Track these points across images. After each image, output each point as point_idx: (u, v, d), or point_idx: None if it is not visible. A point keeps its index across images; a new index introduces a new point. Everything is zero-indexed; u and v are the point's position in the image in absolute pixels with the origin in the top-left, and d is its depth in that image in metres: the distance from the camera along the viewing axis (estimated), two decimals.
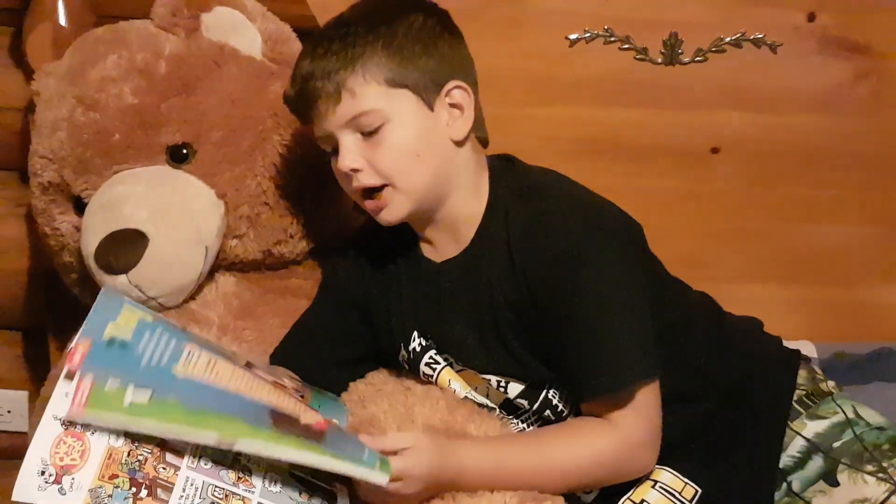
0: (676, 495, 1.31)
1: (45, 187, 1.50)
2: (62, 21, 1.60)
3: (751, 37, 1.85)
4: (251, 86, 1.49)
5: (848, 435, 1.34)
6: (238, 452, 1.11)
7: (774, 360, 1.42)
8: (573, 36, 1.83)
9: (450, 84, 1.29)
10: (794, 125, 1.90)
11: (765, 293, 1.96)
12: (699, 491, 1.32)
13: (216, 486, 1.11)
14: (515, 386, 1.34)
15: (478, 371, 1.35)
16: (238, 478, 1.12)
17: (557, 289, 1.25)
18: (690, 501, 1.32)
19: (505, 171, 1.34)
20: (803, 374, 1.40)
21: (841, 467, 1.31)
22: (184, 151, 1.46)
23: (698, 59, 1.85)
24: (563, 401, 1.33)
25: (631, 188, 1.88)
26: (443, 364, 1.36)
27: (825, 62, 1.87)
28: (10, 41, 1.74)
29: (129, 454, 1.08)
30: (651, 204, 1.90)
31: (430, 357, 1.37)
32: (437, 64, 1.28)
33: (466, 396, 1.36)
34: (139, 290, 1.38)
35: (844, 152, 1.92)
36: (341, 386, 1.40)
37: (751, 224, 1.96)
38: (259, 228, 1.49)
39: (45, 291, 1.81)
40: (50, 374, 1.56)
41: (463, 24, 1.34)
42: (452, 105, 1.29)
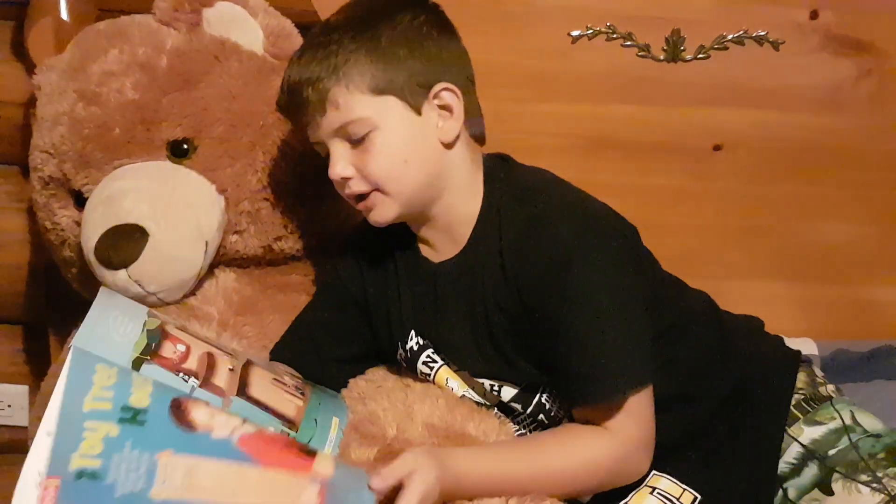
0: (675, 501, 1.30)
1: (46, 182, 1.50)
2: (64, 15, 1.60)
3: (753, 34, 1.84)
4: (252, 81, 1.49)
5: (844, 442, 1.32)
6: None
7: (774, 363, 1.41)
8: (575, 32, 1.83)
9: (437, 86, 1.26)
10: (797, 123, 1.89)
11: (766, 290, 1.96)
12: (698, 497, 1.31)
13: None
14: (509, 390, 1.33)
15: (471, 373, 1.35)
16: None
17: (549, 296, 1.24)
18: None
19: (499, 171, 1.33)
20: (802, 378, 1.39)
21: (835, 476, 1.30)
22: (184, 146, 1.46)
23: (701, 57, 1.85)
24: (557, 405, 1.32)
25: (633, 185, 1.89)
26: (440, 363, 1.36)
27: (828, 60, 1.86)
28: (12, 35, 1.74)
29: None
30: (652, 201, 1.90)
31: (428, 356, 1.36)
32: (424, 66, 1.26)
33: (464, 395, 1.36)
34: (139, 286, 1.38)
35: (847, 150, 1.92)
36: (341, 382, 1.40)
37: (752, 221, 1.95)
38: (259, 224, 1.49)
39: (46, 286, 1.80)
40: (50, 369, 1.56)
41: (465, 20, 1.33)
42: (441, 107, 1.27)
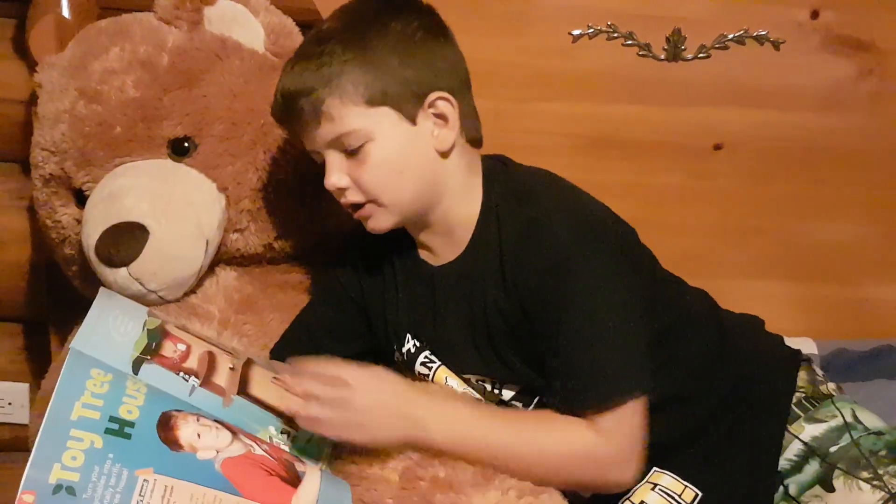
0: (676, 498, 1.30)
1: (47, 179, 1.50)
2: (66, 13, 1.60)
3: (754, 34, 1.85)
4: (253, 79, 1.49)
5: (845, 439, 1.32)
6: None
7: (774, 361, 1.41)
8: (576, 31, 1.83)
9: (432, 95, 1.25)
10: (797, 122, 1.89)
11: (766, 290, 1.96)
12: (699, 494, 1.31)
13: None
14: (508, 391, 1.33)
15: (472, 374, 1.34)
16: None
17: (546, 300, 1.23)
18: None
19: (498, 174, 1.32)
20: (803, 376, 1.39)
21: (837, 473, 1.30)
22: (185, 145, 1.46)
23: (701, 56, 1.85)
24: None
25: (633, 184, 1.89)
26: (438, 363, 1.36)
27: (828, 60, 1.87)
28: (14, 32, 1.74)
29: None
30: (653, 200, 1.91)
31: (426, 357, 1.36)
32: (417, 74, 1.24)
33: (464, 392, 1.36)
34: (140, 284, 1.38)
35: (847, 150, 1.92)
36: None
37: (753, 221, 1.96)
38: (260, 222, 1.49)
39: (47, 283, 1.81)
40: (51, 367, 1.57)
41: (466, 19, 1.33)
42: (436, 115, 1.26)
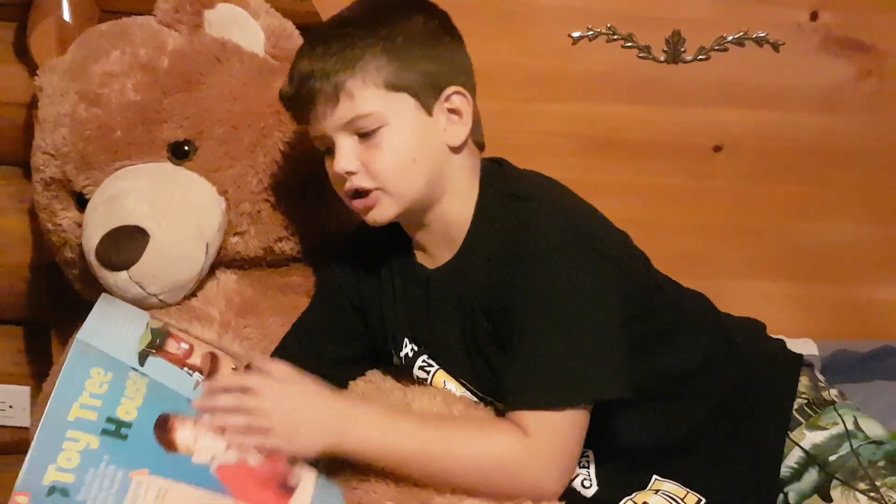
0: (679, 502, 1.30)
1: (48, 183, 1.50)
2: (66, 16, 1.61)
3: (753, 35, 1.85)
4: (253, 82, 1.49)
5: (845, 448, 1.32)
6: None
7: (775, 365, 1.40)
8: (576, 33, 1.83)
9: (449, 89, 1.26)
10: (797, 123, 1.89)
11: (766, 291, 1.95)
12: (702, 500, 1.31)
13: None
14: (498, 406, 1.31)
15: (463, 379, 1.34)
16: None
17: (518, 298, 1.22)
18: None
19: (494, 176, 1.32)
20: (805, 382, 1.38)
21: (835, 483, 1.30)
22: (185, 148, 1.46)
23: (701, 58, 1.85)
24: None
25: (633, 186, 1.89)
26: (436, 366, 1.36)
27: (828, 61, 1.86)
28: (15, 36, 1.74)
29: None
30: (653, 201, 1.90)
31: (424, 360, 1.36)
32: (437, 67, 1.26)
33: (463, 396, 1.35)
34: (140, 287, 1.38)
35: (846, 150, 1.92)
36: (342, 384, 1.40)
37: (753, 222, 1.95)
38: (260, 225, 1.49)
39: (48, 286, 1.81)
40: (52, 370, 1.57)
41: (467, 20, 1.33)
42: (451, 110, 1.27)
